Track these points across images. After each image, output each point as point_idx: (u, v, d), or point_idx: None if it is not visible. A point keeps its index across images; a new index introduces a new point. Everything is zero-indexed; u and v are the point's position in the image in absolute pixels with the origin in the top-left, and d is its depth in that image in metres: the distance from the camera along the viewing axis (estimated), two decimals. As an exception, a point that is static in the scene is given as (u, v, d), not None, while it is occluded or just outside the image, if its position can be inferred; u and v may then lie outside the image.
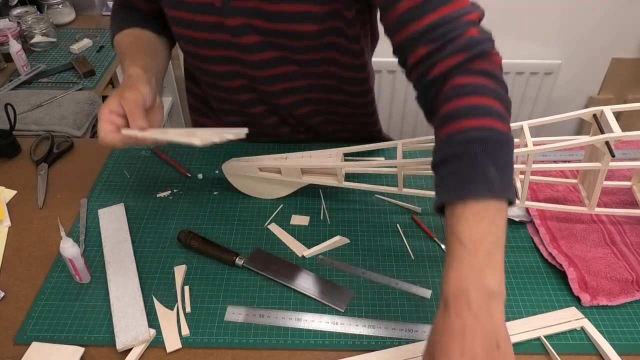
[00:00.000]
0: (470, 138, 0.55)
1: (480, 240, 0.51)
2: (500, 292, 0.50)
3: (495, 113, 0.56)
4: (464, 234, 0.52)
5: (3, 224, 0.82)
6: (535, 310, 0.69)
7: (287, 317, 0.68)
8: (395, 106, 1.91)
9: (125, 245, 0.77)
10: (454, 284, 0.50)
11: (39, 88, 1.29)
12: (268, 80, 0.83)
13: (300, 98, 0.87)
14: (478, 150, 0.54)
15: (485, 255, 0.51)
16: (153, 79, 0.75)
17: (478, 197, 0.53)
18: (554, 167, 0.80)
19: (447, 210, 0.55)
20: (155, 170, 0.92)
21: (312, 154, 0.80)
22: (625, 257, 0.73)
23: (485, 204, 0.53)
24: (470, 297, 0.49)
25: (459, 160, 0.55)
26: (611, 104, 0.78)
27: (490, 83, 0.58)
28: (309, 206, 0.85)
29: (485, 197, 0.53)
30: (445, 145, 0.57)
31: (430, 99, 0.63)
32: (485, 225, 0.52)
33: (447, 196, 0.55)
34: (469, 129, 0.56)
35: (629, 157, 0.90)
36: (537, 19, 1.72)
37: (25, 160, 0.96)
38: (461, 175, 0.55)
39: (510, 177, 0.55)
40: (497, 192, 0.53)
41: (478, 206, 0.53)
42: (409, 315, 0.69)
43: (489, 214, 0.53)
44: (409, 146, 0.78)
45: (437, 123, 0.60)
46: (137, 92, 0.68)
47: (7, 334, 0.67)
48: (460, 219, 0.53)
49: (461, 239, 0.52)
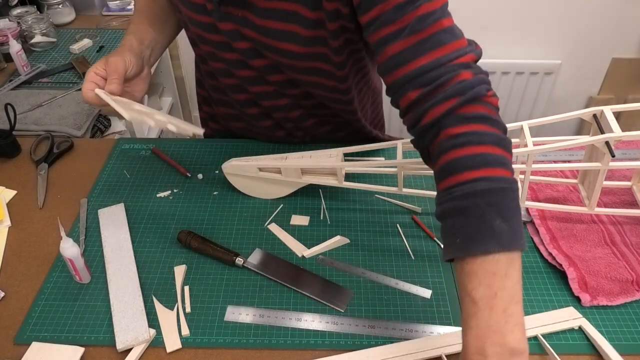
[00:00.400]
0: (471, 190, 0.54)
1: (493, 296, 0.50)
2: (521, 349, 0.49)
3: (493, 160, 0.55)
4: (476, 293, 0.50)
5: (3, 224, 0.82)
6: (535, 310, 0.69)
7: (287, 317, 0.68)
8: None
9: (125, 245, 0.77)
10: (472, 345, 0.50)
11: (39, 88, 1.29)
12: (259, 83, 0.83)
13: (292, 102, 0.87)
14: (481, 203, 0.53)
15: (502, 312, 0.49)
16: (149, 51, 0.82)
17: (487, 252, 0.51)
18: (554, 167, 0.80)
19: (457, 264, 0.54)
20: (155, 170, 0.92)
21: (312, 154, 0.80)
22: (625, 257, 0.73)
23: (496, 258, 0.51)
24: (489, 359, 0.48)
25: (463, 215, 0.54)
26: (611, 104, 0.78)
27: (486, 128, 0.56)
28: (309, 206, 0.85)
29: (494, 251, 0.51)
30: (446, 198, 0.56)
31: (426, 146, 0.62)
32: (498, 280, 0.50)
33: (455, 252, 0.54)
34: (467, 181, 0.54)
35: (629, 157, 0.90)
36: (537, 19, 1.72)
37: (25, 160, 0.96)
38: (467, 231, 0.53)
39: (519, 224, 0.53)
40: (507, 245, 0.51)
41: (488, 262, 0.51)
42: (409, 315, 0.69)
43: (501, 268, 0.51)
44: (409, 146, 0.78)
45: (436, 176, 0.58)
46: (121, 59, 0.74)
47: (7, 334, 0.67)
48: (471, 277, 0.51)
49: (474, 298, 0.50)
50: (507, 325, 0.49)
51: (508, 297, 0.50)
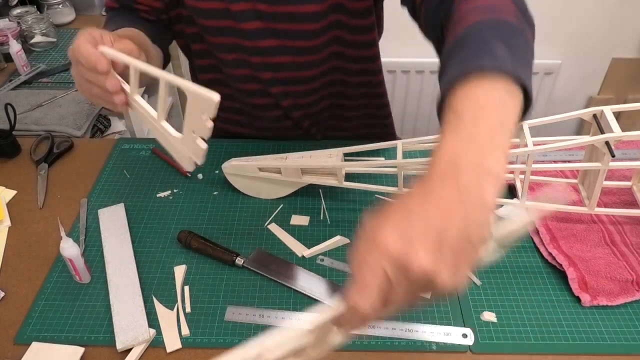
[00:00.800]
0: (479, 25, 0.46)
1: (482, 117, 0.41)
2: (497, 173, 0.40)
3: (512, 13, 0.49)
4: (462, 107, 0.42)
5: (3, 224, 0.82)
6: (535, 310, 0.69)
7: (287, 317, 0.68)
8: (395, 106, 1.91)
9: (125, 245, 0.77)
10: (446, 153, 0.41)
11: (39, 88, 1.29)
12: (268, 68, 0.84)
13: (303, 89, 0.88)
14: (487, 35, 0.45)
15: (488, 129, 0.41)
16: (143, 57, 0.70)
17: (483, 70, 0.42)
18: (554, 167, 0.80)
19: (447, 102, 0.44)
20: (155, 170, 0.92)
21: (312, 154, 0.80)
22: (625, 257, 0.73)
23: (492, 82, 0.42)
24: (462, 170, 0.39)
25: (463, 45, 0.46)
26: (611, 104, 0.77)
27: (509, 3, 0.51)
28: (309, 206, 0.85)
29: (491, 71, 0.42)
30: (450, 41, 0.49)
31: (441, 21, 0.56)
32: (491, 104, 0.42)
33: (446, 85, 0.44)
34: (477, 21, 0.47)
35: (629, 157, 0.90)
36: (537, 19, 1.70)
37: (25, 160, 0.96)
38: (462, 55, 0.45)
39: (527, 62, 0.46)
40: (506, 68, 0.43)
41: (483, 84, 0.42)
42: (409, 315, 0.69)
43: (496, 94, 0.42)
44: (409, 146, 0.78)
45: (448, 37, 0.51)
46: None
47: (7, 334, 0.67)
48: (461, 98, 0.43)
49: (459, 112, 0.42)
50: (492, 144, 0.40)
51: (497, 123, 0.41)
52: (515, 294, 0.71)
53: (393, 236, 0.38)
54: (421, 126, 1.97)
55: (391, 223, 0.39)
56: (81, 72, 0.59)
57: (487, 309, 0.69)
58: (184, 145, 0.58)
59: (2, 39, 1.35)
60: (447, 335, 0.66)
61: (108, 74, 0.57)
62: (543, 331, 0.67)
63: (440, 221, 0.38)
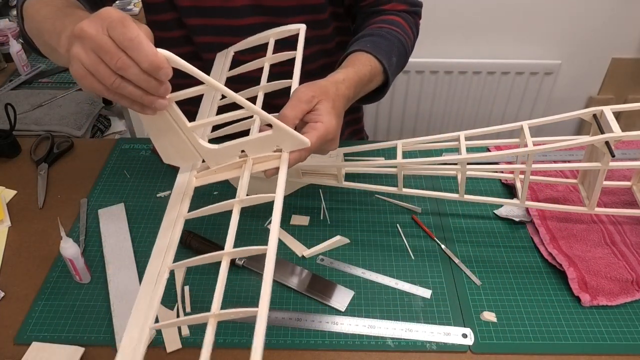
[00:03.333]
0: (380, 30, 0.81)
1: (354, 73, 0.72)
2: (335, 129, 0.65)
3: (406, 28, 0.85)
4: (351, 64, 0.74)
5: (3, 224, 0.82)
6: (535, 310, 0.69)
7: (287, 317, 0.68)
8: (395, 106, 1.91)
9: (125, 245, 0.77)
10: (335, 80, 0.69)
11: (39, 88, 1.29)
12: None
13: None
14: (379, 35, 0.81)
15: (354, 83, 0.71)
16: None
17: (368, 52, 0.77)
18: (554, 167, 0.80)
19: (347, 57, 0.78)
20: (155, 170, 0.92)
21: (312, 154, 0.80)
22: (625, 257, 0.73)
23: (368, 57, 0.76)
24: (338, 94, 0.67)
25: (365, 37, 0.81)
26: (611, 104, 0.78)
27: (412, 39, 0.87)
28: (309, 206, 0.85)
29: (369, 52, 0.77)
30: (361, 33, 0.83)
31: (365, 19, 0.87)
32: (364, 64, 0.75)
33: (349, 50, 0.79)
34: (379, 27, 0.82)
35: (629, 157, 0.90)
36: (537, 19, 1.72)
37: (25, 160, 0.96)
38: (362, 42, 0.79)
39: (393, 58, 0.79)
40: (376, 54, 0.77)
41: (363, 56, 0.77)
42: (409, 315, 0.69)
43: (366, 61, 0.76)
44: (409, 146, 0.78)
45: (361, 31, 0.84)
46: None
47: (7, 334, 0.67)
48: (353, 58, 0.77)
49: (348, 64, 0.74)
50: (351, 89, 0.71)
51: (359, 79, 0.73)
52: (515, 294, 0.71)
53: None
54: (421, 126, 1.97)
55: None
56: (120, 66, 0.47)
57: (487, 309, 0.69)
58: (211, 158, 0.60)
59: (2, 39, 1.35)
60: (447, 335, 0.66)
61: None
62: (543, 331, 0.67)
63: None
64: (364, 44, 0.78)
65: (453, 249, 0.78)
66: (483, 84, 1.83)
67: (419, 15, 0.90)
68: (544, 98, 1.87)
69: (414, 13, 0.89)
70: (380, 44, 0.79)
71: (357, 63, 0.75)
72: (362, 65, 0.75)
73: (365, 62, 0.76)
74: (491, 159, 0.78)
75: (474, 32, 1.74)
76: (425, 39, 0.92)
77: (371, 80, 0.76)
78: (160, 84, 0.49)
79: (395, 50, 0.80)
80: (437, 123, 1.96)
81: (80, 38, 0.48)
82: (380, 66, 0.77)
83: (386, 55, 0.78)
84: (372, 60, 0.76)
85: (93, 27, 0.47)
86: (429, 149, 0.78)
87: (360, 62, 0.75)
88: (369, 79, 0.76)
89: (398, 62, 0.81)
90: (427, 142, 0.77)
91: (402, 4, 0.87)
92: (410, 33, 0.86)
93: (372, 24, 0.84)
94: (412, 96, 1.88)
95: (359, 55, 0.77)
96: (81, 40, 0.48)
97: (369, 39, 0.80)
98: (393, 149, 0.77)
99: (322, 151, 0.66)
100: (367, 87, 0.77)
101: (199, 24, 0.86)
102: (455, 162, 0.73)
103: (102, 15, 0.47)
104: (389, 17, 0.84)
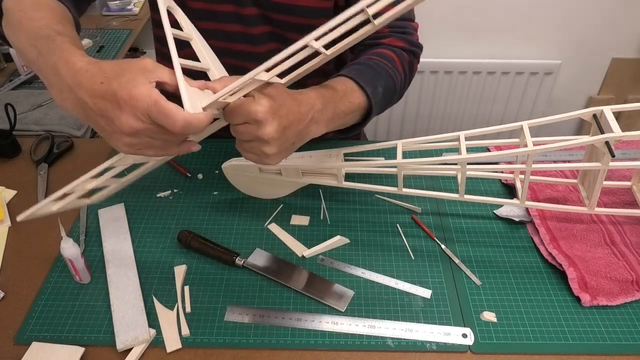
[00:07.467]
0: (369, 61, 0.80)
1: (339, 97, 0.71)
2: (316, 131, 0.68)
3: (399, 74, 0.83)
4: (337, 87, 0.73)
5: (3, 224, 0.82)
6: (535, 310, 0.69)
7: (287, 317, 0.68)
8: (395, 106, 1.90)
9: (125, 245, 0.77)
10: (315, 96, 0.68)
11: (39, 88, 1.29)
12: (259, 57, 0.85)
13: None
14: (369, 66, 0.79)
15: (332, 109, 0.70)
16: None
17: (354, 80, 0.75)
18: (554, 167, 0.80)
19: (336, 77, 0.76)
20: (155, 170, 0.92)
21: (312, 154, 0.80)
22: (625, 257, 0.73)
23: (353, 84, 0.75)
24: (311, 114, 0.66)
25: (355, 66, 0.79)
26: (611, 104, 0.78)
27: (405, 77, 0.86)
28: (309, 206, 0.85)
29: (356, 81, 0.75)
30: (355, 60, 0.82)
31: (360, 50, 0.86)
32: (348, 91, 0.73)
33: (340, 74, 0.77)
34: (369, 58, 0.81)
35: (629, 157, 0.90)
36: (537, 19, 1.72)
37: (25, 160, 0.96)
38: (353, 70, 0.77)
39: (382, 98, 0.78)
40: (363, 83, 0.75)
41: (348, 81, 0.75)
42: (409, 315, 0.69)
43: (350, 88, 0.74)
44: (409, 146, 0.78)
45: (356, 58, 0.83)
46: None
47: (7, 334, 0.67)
48: (338, 81, 0.75)
49: (334, 87, 0.72)
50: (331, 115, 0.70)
51: (334, 108, 0.70)
52: (515, 294, 0.71)
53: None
54: (421, 126, 1.97)
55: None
56: (166, 146, 0.59)
57: (487, 309, 0.69)
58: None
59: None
60: (447, 335, 0.66)
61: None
62: (543, 331, 0.67)
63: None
64: (347, 70, 0.78)
65: (453, 249, 0.78)
66: (483, 84, 1.83)
67: (417, 56, 0.88)
68: (544, 98, 1.87)
69: (411, 52, 0.87)
70: (366, 72, 0.77)
71: (333, 82, 0.74)
72: (337, 84, 0.73)
73: (342, 82, 0.74)
74: (491, 159, 0.78)
75: (473, 32, 1.74)
76: (425, 39, 0.92)
77: (346, 96, 0.72)
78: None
79: (382, 81, 0.78)
80: (437, 123, 1.96)
81: (130, 135, 0.55)
82: (359, 89, 0.75)
83: (370, 82, 0.76)
84: (349, 82, 0.75)
85: (134, 120, 0.53)
86: (429, 149, 0.78)
87: (336, 82, 0.74)
88: (343, 93, 0.73)
89: (385, 93, 0.79)
90: (427, 142, 0.77)
91: (401, 41, 0.85)
92: (400, 70, 0.83)
93: (366, 55, 0.83)
94: (412, 96, 1.88)
95: (339, 77, 0.76)
96: (131, 136, 0.55)
97: (355, 67, 0.79)
98: (393, 149, 0.77)
99: (244, 133, 0.62)
100: (343, 105, 0.72)
101: (210, 28, 0.86)
102: (455, 162, 0.73)
103: (135, 99, 0.52)
104: (381, 51, 0.83)
